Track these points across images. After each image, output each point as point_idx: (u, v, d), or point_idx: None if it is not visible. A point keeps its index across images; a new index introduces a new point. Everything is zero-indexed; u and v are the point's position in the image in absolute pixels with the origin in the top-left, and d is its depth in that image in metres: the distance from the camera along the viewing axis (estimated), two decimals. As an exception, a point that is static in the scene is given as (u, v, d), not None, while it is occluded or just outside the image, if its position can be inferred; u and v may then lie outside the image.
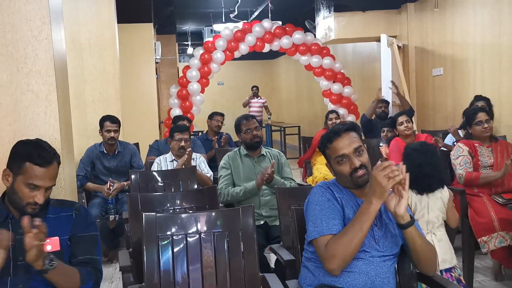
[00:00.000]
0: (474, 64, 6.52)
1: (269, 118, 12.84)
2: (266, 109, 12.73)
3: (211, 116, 6.48)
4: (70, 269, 2.08)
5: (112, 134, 4.91)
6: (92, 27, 5.87)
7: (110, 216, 4.72)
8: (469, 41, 6.63)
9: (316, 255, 2.17)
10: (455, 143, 4.37)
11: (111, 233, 4.81)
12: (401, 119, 5.01)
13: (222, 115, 6.52)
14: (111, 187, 4.68)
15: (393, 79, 7.38)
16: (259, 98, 12.63)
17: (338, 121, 6.23)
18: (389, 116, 7.00)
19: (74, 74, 5.57)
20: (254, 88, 12.61)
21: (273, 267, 3.47)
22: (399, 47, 7.91)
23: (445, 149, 4.98)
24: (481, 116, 4.10)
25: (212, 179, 4.61)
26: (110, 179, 4.79)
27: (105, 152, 4.99)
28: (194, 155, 4.73)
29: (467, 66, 6.68)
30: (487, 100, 5.18)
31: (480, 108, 4.22)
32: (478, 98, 5.28)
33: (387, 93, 7.27)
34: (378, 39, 7.86)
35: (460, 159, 4.04)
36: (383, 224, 2.21)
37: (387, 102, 6.93)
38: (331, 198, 2.19)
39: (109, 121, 4.93)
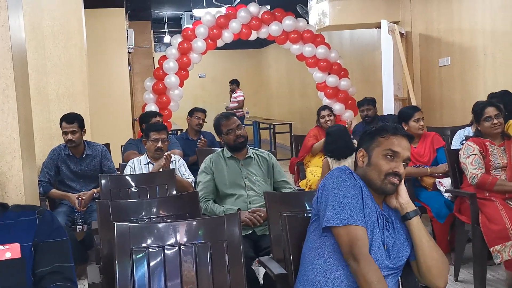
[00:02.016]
0: (484, 53, 6.57)
1: (226, 108, 12.82)
2: (238, 104, 12.78)
3: (191, 113, 6.46)
4: None
5: (69, 136, 4.84)
6: (56, 13, 5.82)
7: (78, 226, 4.70)
8: (478, 27, 6.68)
9: (327, 244, 2.23)
10: (463, 142, 4.40)
11: (78, 245, 4.78)
12: (418, 115, 4.87)
13: (203, 111, 6.50)
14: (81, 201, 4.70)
15: (395, 70, 7.41)
16: (235, 92, 12.87)
17: (331, 118, 6.25)
18: (389, 113, 7.00)
19: (35, 66, 5.53)
20: (230, 84, 13.07)
21: (262, 282, 3.47)
22: (401, 34, 7.95)
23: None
24: (490, 111, 4.14)
25: (193, 184, 4.59)
26: (79, 194, 4.77)
27: (71, 154, 4.95)
28: (173, 157, 4.72)
29: (477, 55, 6.73)
30: (506, 94, 5.05)
31: (489, 102, 4.26)
32: (493, 96, 5.20)
33: (387, 84, 7.29)
34: (378, 26, 7.89)
35: (472, 158, 4.08)
36: (395, 231, 2.27)
37: (371, 103, 6.83)
38: (355, 186, 2.24)
39: (65, 122, 4.86)
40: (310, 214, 2.43)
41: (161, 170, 4.46)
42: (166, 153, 4.54)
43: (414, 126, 4.83)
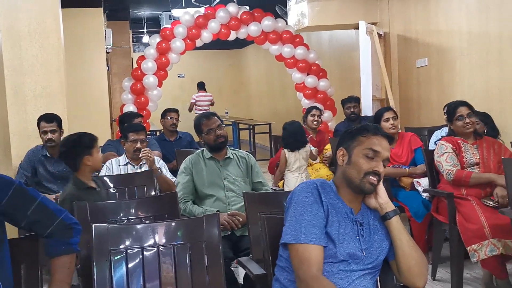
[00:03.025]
0: (460, 54, 6.65)
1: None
2: (189, 106, 12.86)
3: (163, 115, 6.46)
4: None
5: (49, 135, 4.83)
6: (32, 13, 5.75)
7: (55, 228, 4.65)
8: (455, 28, 6.75)
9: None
10: (437, 142, 4.47)
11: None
12: (388, 114, 4.89)
13: (176, 111, 6.51)
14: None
15: (374, 70, 7.46)
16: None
17: (319, 119, 6.37)
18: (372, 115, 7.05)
19: (11, 66, 5.46)
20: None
21: (242, 282, 3.47)
22: (379, 35, 8.01)
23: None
24: (462, 110, 4.21)
25: (176, 184, 4.57)
26: (56, 195, 4.73)
27: (49, 155, 4.91)
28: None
29: (453, 56, 6.81)
30: (484, 115, 5.06)
31: (462, 101, 4.33)
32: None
33: (366, 85, 7.34)
34: (356, 27, 7.93)
35: (446, 156, 4.14)
36: (370, 233, 2.27)
37: (357, 101, 6.91)
38: (316, 202, 2.23)
39: (44, 121, 4.87)
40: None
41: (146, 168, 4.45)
42: (143, 150, 4.51)
43: (384, 126, 4.83)
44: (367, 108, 7.25)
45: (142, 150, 4.52)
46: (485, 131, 4.94)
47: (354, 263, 2.20)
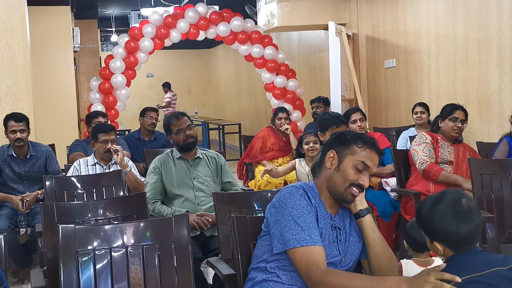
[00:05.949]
0: (428, 55, 6.75)
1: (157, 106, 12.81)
2: (165, 104, 13.48)
3: (143, 113, 6.39)
4: None
5: (18, 134, 4.74)
6: (-4, 10, 5.66)
7: (21, 229, 4.59)
8: (422, 30, 6.85)
9: (281, 268, 2.21)
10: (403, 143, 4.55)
11: (22, 249, 4.67)
12: (355, 116, 4.84)
13: (156, 110, 6.50)
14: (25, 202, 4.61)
15: (343, 71, 7.52)
16: (166, 94, 13.79)
17: (288, 121, 6.30)
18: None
19: (-25, 65, 5.37)
20: (162, 88, 14.23)
21: (211, 283, 3.47)
22: (348, 36, 8.07)
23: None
24: (459, 113, 4.33)
25: (145, 184, 4.55)
26: (22, 196, 4.66)
27: (15, 155, 4.83)
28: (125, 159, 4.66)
29: (421, 57, 6.91)
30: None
31: (461, 106, 4.43)
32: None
33: (335, 85, 7.39)
34: (325, 27, 7.99)
35: (424, 146, 4.25)
36: (347, 237, 2.28)
37: (322, 101, 6.91)
38: (309, 204, 2.22)
39: (13, 120, 4.77)
40: (259, 215, 2.42)
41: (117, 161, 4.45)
42: (112, 148, 4.48)
43: (351, 128, 4.80)
44: (336, 108, 7.29)
45: (113, 146, 4.49)
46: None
47: (331, 264, 2.21)
